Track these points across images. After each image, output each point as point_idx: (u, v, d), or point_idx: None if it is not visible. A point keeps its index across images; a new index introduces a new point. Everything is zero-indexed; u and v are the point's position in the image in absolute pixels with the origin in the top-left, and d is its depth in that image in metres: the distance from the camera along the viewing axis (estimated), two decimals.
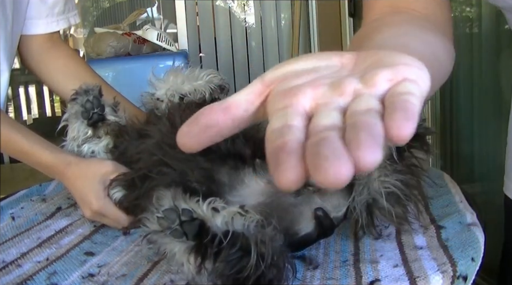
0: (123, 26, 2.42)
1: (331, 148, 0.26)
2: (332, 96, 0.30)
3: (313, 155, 0.26)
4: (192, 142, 0.31)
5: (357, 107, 0.28)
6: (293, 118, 0.29)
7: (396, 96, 0.28)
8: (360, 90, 0.30)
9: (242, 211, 0.54)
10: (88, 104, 0.80)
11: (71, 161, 0.78)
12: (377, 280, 0.55)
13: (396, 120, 0.26)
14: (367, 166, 0.25)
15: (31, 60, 1.02)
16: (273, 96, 0.32)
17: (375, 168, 0.25)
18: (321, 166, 0.25)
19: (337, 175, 0.25)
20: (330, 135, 0.27)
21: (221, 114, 0.32)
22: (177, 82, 0.83)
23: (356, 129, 0.26)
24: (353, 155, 0.25)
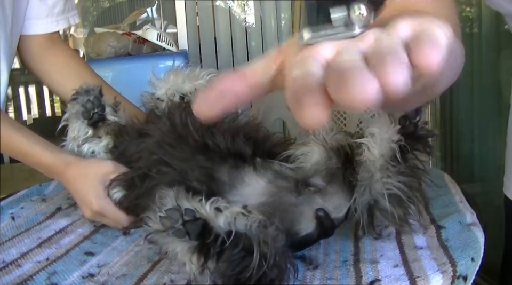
0: (123, 26, 2.42)
1: (355, 67, 0.25)
2: (352, 43, 0.29)
3: (337, 77, 0.25)
4: (209, 109, 0.31)
5: (380, 43, 0.28)
6: (313, 65, 0.28)
7: (421, 32, 0.27)
8: (381, 35, 0.29)
9: (245, 211, 0.54)
10: (89, 104, 0.80)
11: (71, 162, 0.78)
12: (377, 280, 0.55)
13: (423, 48, 0.25)
14: (395, 86, 0.24)
15: (30, 60, 1.02)
16: (290, 55, 0.31)
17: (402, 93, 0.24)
18: (346, 83, 0.24)
19: (364, 92, 0.24)
20: (353, 61, 0.26)
21: (237, 80, 0.32)
22: (177, 82, 0.83)
23: (380, 53, 0.26)
24: (380, 75, 0.24)
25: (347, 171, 0.63)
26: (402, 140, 0.60)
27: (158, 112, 0.82)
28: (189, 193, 0.55)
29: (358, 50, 0.28)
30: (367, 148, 0.61)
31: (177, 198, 0.54)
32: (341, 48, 0.29)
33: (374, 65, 0.25)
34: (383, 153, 0.60)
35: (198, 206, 0.54)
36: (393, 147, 0.60)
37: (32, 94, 4.21)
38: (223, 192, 0.63)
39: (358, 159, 0.62)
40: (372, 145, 0.61)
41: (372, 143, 0.61)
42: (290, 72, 0.29)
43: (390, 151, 0.60)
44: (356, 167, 0.62)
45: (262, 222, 0.54)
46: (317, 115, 0.25)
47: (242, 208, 0.54)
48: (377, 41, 0.28)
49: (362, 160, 0.61)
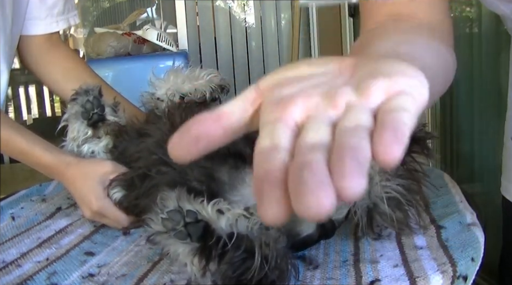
0: (123, 26, 2.42)
1: (313, 175, 0.25)
2: (323, 109, 0.29)
3: (295, 181, 0.25)
4: (183, 153, 0.31)
5: (346, 122, 0.28)
6: (281, 135, 0.28)
7: (388, 113, 0.27)
8: (352, 103, 0.29)
9: (247, 213, 0.54)
10: (88, 104, 0.80)
11: (70, 162, 0.78)
12: (377, 280, 0.55)
13: (383, 143, 0.25)
14: (350, 197, 0.24)
15: (30, 60, 1.02)
16: (265, 106, 0.31)
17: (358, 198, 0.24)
18: (302, 196, 0.24)
19: (318, 207, 0.24)
20: (314, 160, 0.26)
21: (211, 124, 0.31)
22: (177, 82, 0.83)
23: (341, 154, 0.25)
24: (337, 185, 0.24)
25: None
26: None
27: (158, 112, 0.82)
28: (190, 194, 0.55)
29: (326, 121, 0.28)
30: None
31: (179, 199, 0.54)
32: (311, 113, 0.29)
33: (334, 169, 0.25)
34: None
35: (200, 208, 0.54)
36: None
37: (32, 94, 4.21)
38: (223, 192, 0.63)
39: None
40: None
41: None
42: (260, 133, 0.29)
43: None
44: None
45: (263, 224, 0.54)
46: (276, 214, 0.25)
47: (244, 210, 0.54)
48: (345, 115, 0.28)
49: None
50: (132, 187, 0.73)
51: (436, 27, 0.58)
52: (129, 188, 0.74)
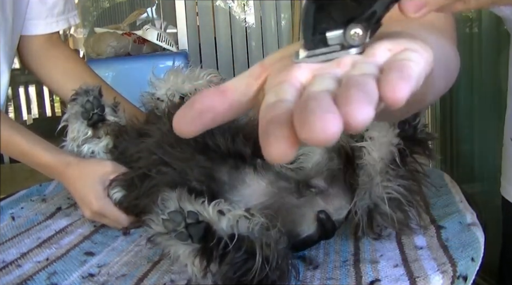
0: (123, 26, 2.42)
1: (318, 103, 0.24)
2: (329, 67, 0.29)
3: (300, 110, 0.24)
4: (188, 128, 0.30)
5: (353, 71, 0.28)
6: (287, 92, 0.28)
7: (394, 61, 0.27)
8: (358, 60, 0.29)
9: (247, 214, 0.54)
10: (88, 104, 0.80)
11: (70, 162, 0.78)
12: (377, 280, 0.55)
13: (389, 81, 0.25)
14: (356, 123, 0.23)
15: (30, 60, 1.02)
16: (270, 77, 0.31)
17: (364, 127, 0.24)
18: (306, 120, 0.23)
19: (324, 130, 0.23)
20: (320, 93, 0.26)
21: (217, 98, 0.31)
22: (177, 82, 0.83)
23: (347, 86, 0.25)
24: (342, 111, 0.24)
25: (348, 172, 0.63)
26: (401, 144, 0.59)
27: (158, 113, 0.82)
28: (191, 195, 0.55)
29: (331, 76, 0.28)
30: (367, 151, 0.61)
31: (179, 200, 0.54)
32: (316, 73, 0.29)
33: (339, 97, 0.24)
34: (382, 157, 0.60)
35: (201, 208, 0.53)
36: (393, 151, 0.59)
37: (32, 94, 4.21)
38: (223, 192, 0.63)
39: (358, 163, 0.62)
40: (371, 148, 0.60)
41: (372, 147, 0.60)
42: (266, 96, 0.29)
43: (390, 154, 0.59)
44: (357, 169, 0.62)
45: (264, 225, 0.54)
46: (283, 150, 0.24)
47: (245, 211, 0.54)
48: (352, 67, 0.28)
49: (363, 164, 0.61)
50: (132, 187, 0.72)
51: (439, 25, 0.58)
52: (129, 188, 0.74)
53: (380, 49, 0.29)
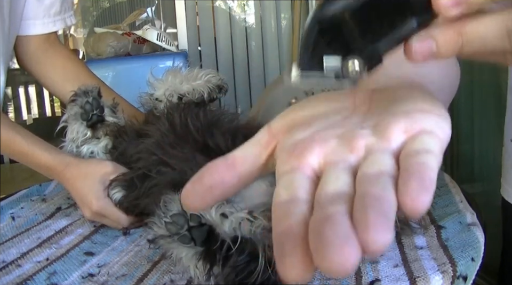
0: (123, 26, 2.42)
1: (335, 229, 0.23)
2: (342, 153, 0.28)
3: (317, 237, 0.23)
4: (197, 203, 0.30)
5: (368, 169, 0.26)
6: (299, 186, 0.27)
7: (412, 157, 0.26)
8: (372, 146, 0.28)
9: (250, 217, 0.54)
10: (88, 105, 0.80)
11: (70, 162, 0.78)
12: (377, 280, 0.55)
13: (410, 191, 0.24)
14: (375, 249, 0.22)
15: (28, 61, 1.02)
16: (280, 154, 0.30)
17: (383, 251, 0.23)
18: (325, 252, 0.22)
19: (343, 263, 0.22)
20: (335, 213, 0.24)
21: (226, 172, 0.30)
22: (175, 82, 0.83)
23: (365, 206, 0.24)
24: (361, 238, 0.22)
25: None
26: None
27: (156, 113, 0.82)
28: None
29: (345, 167, 0.27)
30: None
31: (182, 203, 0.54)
32: (329, 160, 0.28)
33: (358, 222, 0.23)
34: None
35: (203, 211, 0.53)
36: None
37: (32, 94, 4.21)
38: None
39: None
40: None
41: None
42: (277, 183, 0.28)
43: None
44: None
45: (267, 227, 0.54)
46: (301, 274, 0.23)
47: (248, 213, 0.54)
48: (366, 161, 0.27)
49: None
50: (132, 187, 0.72)
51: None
52: (129, 189, 0.73)
53: (394, 132, 0.28)
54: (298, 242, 0.24)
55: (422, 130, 0.28)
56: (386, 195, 0.24)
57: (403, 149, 0.27)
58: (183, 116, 0.72)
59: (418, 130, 0.28)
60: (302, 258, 0.23)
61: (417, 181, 0.24)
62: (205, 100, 0.82)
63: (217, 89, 0.83)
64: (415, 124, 0.28)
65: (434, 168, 0.25)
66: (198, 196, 0.30)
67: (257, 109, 1.50)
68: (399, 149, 0.27)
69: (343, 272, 0.22)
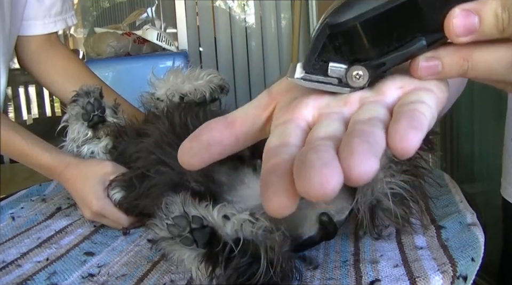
0: (123, 26, 2.42)
1: (318, 155, 0.23)
2: (335, 106, 0.28)
3: (298, 164, 0.23)
4: (194, 160, 0.29)
5: (360, 115, 0.26)
6: (291, 134, 0.27)
7: (405, 105, 0.26)
8: (366, 99, 0.28)
9: (252, 219, 0.53)
10: (89, 106, 0.80)
11: (70, 163, 0.78)
12: (377, 280, 0.55)
13: (399, 129, 0.24)
14: (358, 176, 0.22)
15: (28, 61, 1.02)
16: (277, 110, 0.30)
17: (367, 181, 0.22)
18: (305, 174, 0.22)
19: (323, 184, 0.21)
20: (322, 144, 0.24)
21: (224, 130, 0.30)
22: (177, 82, 0.83)
23: (350, 136, 0.23)
24: (343, 163, 0.22)
25: None
26: None
27: (157, 112, 0.82)
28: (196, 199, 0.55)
29: (338, 117, 0.27)
30: None
31: (184, 205, 0.54)
32: (323, 111, 0.28)
33: (341, 149, 0.23)
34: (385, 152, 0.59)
35: (205, 213, 0.53)
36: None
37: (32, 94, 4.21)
38: (222, 193, 0.63)
39: None
40: None
41: None
42: (270, 135, 0.27)
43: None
44: None
45: (268, 228, 0.53)
46: (282, 204, 0.23)
47: (250, 215, 0.54)
48: (359, 110, 0.27)
49: None
50: (131, 188, 0.72)
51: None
52: (128, 189, 0.73)
53: (390, 87, 0.28)
54: (284, 175, 0.23)
55: (418, 87, 0.28)
56: (375, 131, 0.24)
57: (398, 102, 0.27)
58: (183, 115, 0.72)
59: (414, 87, 0.28)
60: (285, 187, 0.23)
61: (407, 120, 0.24)
62: (206, 100, 0.82)
63: (219, 90, 0.83)
64: (412, 81, 0.28)
65: (426, 115, 0.25)
66: (195, 153, 0.29)
67: None
68: (393, 104, 0.27)
69: (323, 196, 0.21)
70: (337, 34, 0.28)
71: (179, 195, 0.55)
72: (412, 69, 0.28)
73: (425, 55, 0.28)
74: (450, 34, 0.27)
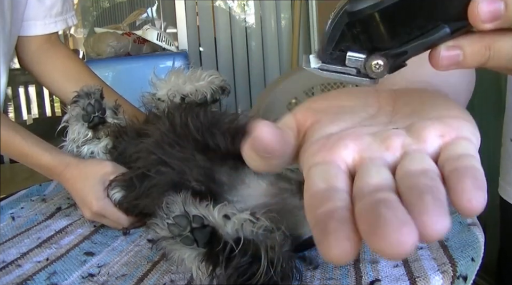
0: (123, 26, 2.42)
1: (393, 212, 0.22)
2: (377, 150, 0.27)
3: (371, 218, 0.22)
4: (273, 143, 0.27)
5: (411, 166, 0.25)
6: (337, 177, 0.25)
7: (457, 160, 0.25)
8: (409, 146, 0.27)
9: (253, 218, 0.53)
10: (90, 107, 0.80)
11: (70, 162, 0.78)
12: (377, 280, 0.55)
13: (465, 190, 0.23)
14: (434, 235, 0.22)
15: (29, 61, 1.02)
16: (310, 145, 0.29)
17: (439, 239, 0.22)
18: (381, 231, 0.21)
19: (402, 244, 0.21)
20: (389, 197, 0.23)
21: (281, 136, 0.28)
22: (178, 83, 0.83)
23: (419, 192, 0.23)
24: (418, 221, 0.22)
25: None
26: None
27: (157, 113, 0.82)
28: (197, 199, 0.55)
29: (384, 163, 0.26)
30: None
31: (184, 204, 0.54)
32: (364, 155, 0.27)
33: (413, 206, 0.22)
34: None
35: (206, 212, 0.53)
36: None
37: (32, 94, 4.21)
38: (223, 193, 0.63)
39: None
40: None
41: None
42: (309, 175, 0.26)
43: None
44: None
45: (269, 228, 0.53)
46: (346, 251, 0.22)
47: (250, 215, 0.54)
48: (406, 158, 0.26)
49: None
50: (131, 187, 0.72)
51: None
52: (128, 189, 0.73)
53: (431, 134, 0.27)
54: (345, 222, 0.23)
55: (459, 136, 0.27)
56: (437, 185, 0.23)
57: (442, 153, 0.26)
58: (184, 115, 0.72)
59: (455, 136, 0.27)
60: (348, 235, 0.22)
61: (471, 180, 0.23)
62: (207, 101, 0.82)
63: (220, 91, 0.83)
64: (451, 129, 0.27)
65: (482, 171, 0.24)
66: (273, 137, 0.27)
67: (257, 109, 1.50)
68: (436, 153, 0.26)
69: (400, 255, 0.21)
70: (356, 22, 0.27)
71: (180, 194, 0.55)
72: (432, 58, 0.28)
73: (447, 44, 0.27)
74: (475, 20, 0.26)
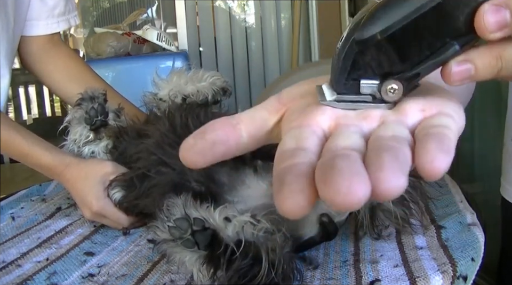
0: (123, 26, 2.42)
1: (348, 163, 0.22)
2: (354, 118, 0.27)
3: (325, 168, 0.22)
4: (196, 158, 0.28)
5: (383, 132, 0.25)
6: (308, 139, 0.26)
7: (430, 127, 0.25)
8: (387, 117, 0.27)
9: (253, 220, 0.53)
10: (93, 111, 0.80)
11: (70, 162, 0.78)
12: (377, 280, 0.55)
13: (429, 151, 0.23)
14: (387, 191, 0.21)
15: (31, 61, 1.02)
16: (289, 114, 0.29)
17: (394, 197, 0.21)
18: (332, 179, 0.21)
19: (351, 192, 0.21)
20: (350, 153, 0.23)
21: (230, 131, 0.29)
22: (180, 83, 0.83)
23: (379, 151, 0.23)
24: (372, 176, 0.21)
25: None
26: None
27: (158, 113, 0.82)
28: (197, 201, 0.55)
29: (357, 130, 0.26)
30: None
31: (185, 207, 0.54)
32: (340, 122, 0.27)
33: (370, 162, 0.22)
34: None
35: (207, 215, 0.53)
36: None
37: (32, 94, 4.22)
38: (223, 193, 0.63)
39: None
40: None
41: None
42: (283, 139, 0.27)
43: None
44: None
45: (269, 230, 0.53)
46: (298, 204, 0.22)
47: (251, 217, 0.54)
48: (382, 126, 0.26)
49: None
50: (132, 188, 0.72)
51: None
52: (128, 189, 0.73)
53: (412, 108, 0.27)
54: (302, 176, 0.22)
55: (440, 112, 0.27)
56: (402, 148, 0.23)
57: (420, 124, 0.26)
58: (184, 116, 0.72)
59: (437, 112, 0.27)
60: (303, 187, 0.22)
61: (436, 143, 0.23)
62: (208, 102, 0.82)
63: (221, 92, 0.83)
64: (433, 105, 0.27)
65: (452, 139, 0.24)
66: (198, 151, 0.28)
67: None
68: (415, 126, 0.26)
69: (349, 203, 0.21)
70: (366, 50, 0.27)
71: (180, 196, 0.55)
72: (444, 75, 0.28)
73: (457, 60, 0.27)
74: (483, 32, 0.26)
